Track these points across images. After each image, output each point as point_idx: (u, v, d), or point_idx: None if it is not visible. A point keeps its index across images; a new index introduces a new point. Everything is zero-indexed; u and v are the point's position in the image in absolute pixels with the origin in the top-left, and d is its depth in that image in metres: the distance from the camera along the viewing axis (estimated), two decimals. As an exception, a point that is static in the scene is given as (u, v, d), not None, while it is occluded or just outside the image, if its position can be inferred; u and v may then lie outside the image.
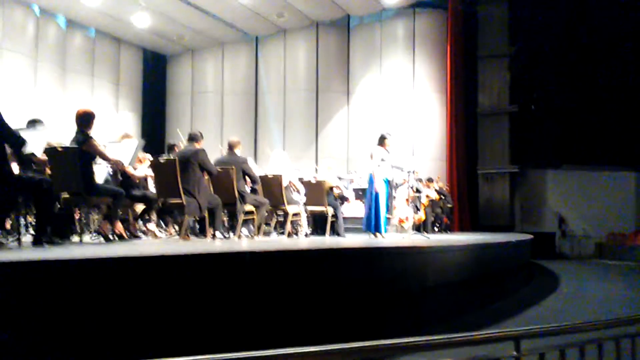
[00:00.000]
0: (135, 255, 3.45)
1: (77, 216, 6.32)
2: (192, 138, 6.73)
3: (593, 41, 15.70)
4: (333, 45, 15.95)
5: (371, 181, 7.95)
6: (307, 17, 15.28)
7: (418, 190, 10.46)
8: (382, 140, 7.86)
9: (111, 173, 6.62)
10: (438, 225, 12.25)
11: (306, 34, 15.89)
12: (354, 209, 10.41)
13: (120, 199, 5.62)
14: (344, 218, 9.40)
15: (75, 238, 5.61)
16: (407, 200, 9.84)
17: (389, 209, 8.17)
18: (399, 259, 5.64)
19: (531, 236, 11.53)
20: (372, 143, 8.18)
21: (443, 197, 12.53)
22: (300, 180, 9.16)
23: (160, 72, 16.92)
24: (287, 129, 15.92)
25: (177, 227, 7.20)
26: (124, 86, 15.49)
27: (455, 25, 15.18)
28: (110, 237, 5.60)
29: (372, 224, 7.87)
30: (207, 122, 15.80)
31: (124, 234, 5.93)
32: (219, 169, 6.99)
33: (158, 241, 6.39)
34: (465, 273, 6.76)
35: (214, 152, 8.97)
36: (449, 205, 13.10)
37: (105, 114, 14.09)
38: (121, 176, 6.44)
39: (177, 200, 6.24)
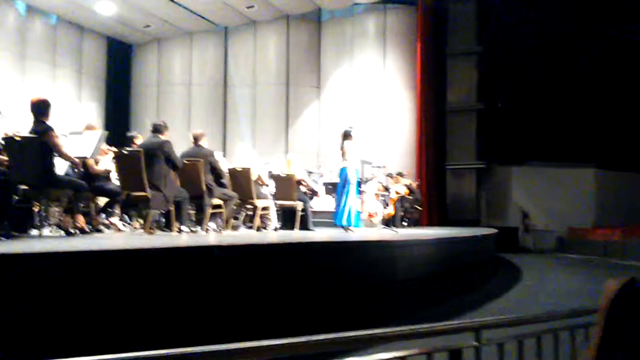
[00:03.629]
0: (96, 250, 3.33)
1: (36, 209, 6.09)
2: (157, 129, 6.55)
3: (558, 41, 16.02)
4: (304, 39, 15.84)
5: (342, 175, 7.96)
6: (277, 9, 15.12)
7: (387, 188, 10.49)
8: (348, 136, 7.89)
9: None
10: (407, 219, 12.33)
11: (277, 26, 15.74)
12: (324, 203, 10.38)
13: (81, 192, 5.45)
14: (313, 212, 9.38)
15: (35, 232, 5.41)
16: (377, 195, 9.86)
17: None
18: (368, 253, 5.64)
19: (496, 230, 11.72)
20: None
21: (411, 192, 12.61)
22: (270, 174, 9.09)
23: (125, 62, 16.50)
24: (257, 123, 15.75)
25: (141, 221, 7.02)
26: (87, 76, 15.04)
27: (425, 22, 15.26)
28: (72, 230, 5.42)
29: (344, 217, 7.90)
30: (174, 114, 15.48)
31: (86, 228, 5.75)
32: (186, 162, 6.86)
33: (121, 235, 6.23)
34: (433, 267, 6.81)
35: (181, 145, 8.79)
36: (417, 201, 13.19)
37: (67, 104, 13.67)
38: (83, 168, 6.23)
39: (142, 193, 6.08)
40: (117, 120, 15.59)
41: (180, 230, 6.39)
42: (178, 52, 16.21)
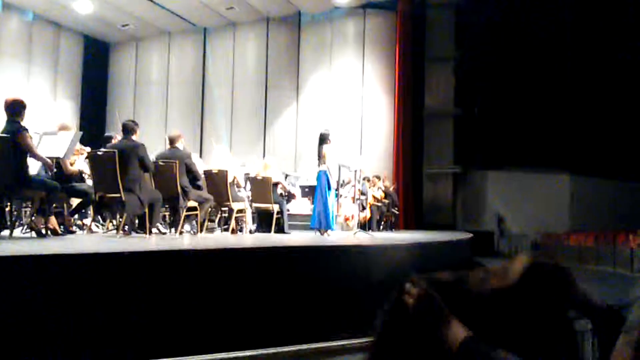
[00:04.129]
0: (67, 253, 3.29)
1: (8, 209, 5.98)
2: (129, 130, 6.45)
3: (534, 49, 16.29)
4: (283, 41, 15.85)
5: (320, 179, 8.00)
6: (257, 11, 15.10)
7: (363, 192, 10.55)
8: (325, 139, 7.92)
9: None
10: (384, 223, 12.39)
11: (256, 28, 15.72)
12: (300, 206, 10.39)
13: (55, 193, 5.38)
14: (290, 215, 9.38)
15: (5, 232, 5.31)
16: (353, 198, 9.90)
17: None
18: (343, 258, 5.66)
19: (471, 235, 11.85)
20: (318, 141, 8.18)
21: (388, 196, 12.68)
22: (247, 176, 9.07)
23: (102, 60, 16.31)
24: (234, 124, 15.70)
25: (114, 222, 6.95)
26: (63, 73, 14.82)
27: (403, 27, 15.38)
28: (43, 232, 5.34)
29: (321, 221, 7.95)
30: (151, 113, 15.37)
31: (58, 229, 5.67)
32: (161, 163, 6.82)
33: (94, 237, 6.15)
34: (408, 271, 6.85)
35: (159, 145, 8.73)
36: (394, 205, 13.27)
37: (42, 102, 13.46)
38: (56, 168, 6.15)
39: (116, 195, 6.03)
40: (93, 119, 15.40)
41: (150, 232, 6.34)
42: (156, 51, 16.08)
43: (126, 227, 6.37)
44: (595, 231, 15.33)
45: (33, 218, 5.60)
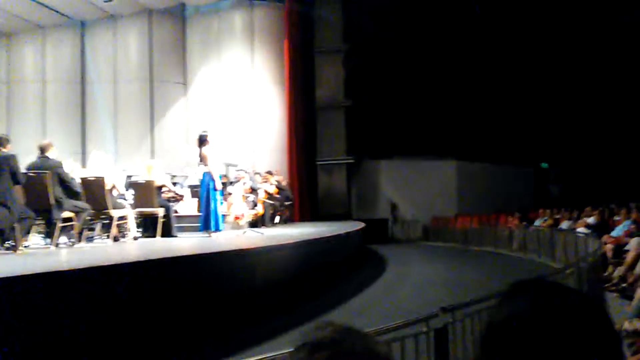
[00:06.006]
0: None
1: None
2: (-1, 142, 6.08)
3: (418, 41, 16.97)
4: (168, 34, 15.30)
5: (204, 181, 7.94)
6: (137, 3, 14.43)
7: (254, 189, 10.54)
8: (204, 141, 7.86)
9: None
10: (278, 217, 12.45)
11: (138, 21, 15.02)
12: (189, 207, 10.20)
13: None
14: (179, 217, 9.21)
15: None
16: (244, 196, 9.89)
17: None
18: (226, 263, 5.67)
19: (362, 225, 12.21)
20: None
21: (281, 190, 12.75)
22: (129, 180, 8.76)
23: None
24: (119, 122, 14.96)
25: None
26: None
27: (291, 20, 15.40)
28: None
29: (207, 222, 7.92)
30: (27, 114, 14.32)
31: None
32: (32, 174, 6.44)
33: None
34: (295, 269, 6.98)
35: (35, 150, 8.17)
36: (288, 199, 13.36)
37: None
38: None
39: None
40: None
41: (16, 248, 5.96)
42: (30, 47, 14.95)
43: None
44: (479, 214, 16.42)
45: None
